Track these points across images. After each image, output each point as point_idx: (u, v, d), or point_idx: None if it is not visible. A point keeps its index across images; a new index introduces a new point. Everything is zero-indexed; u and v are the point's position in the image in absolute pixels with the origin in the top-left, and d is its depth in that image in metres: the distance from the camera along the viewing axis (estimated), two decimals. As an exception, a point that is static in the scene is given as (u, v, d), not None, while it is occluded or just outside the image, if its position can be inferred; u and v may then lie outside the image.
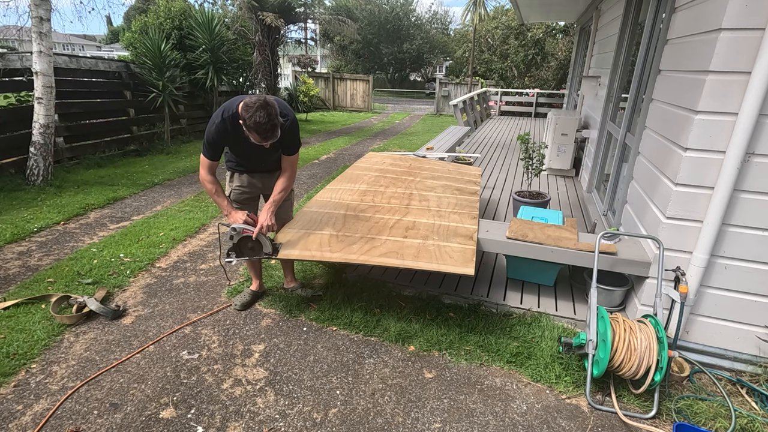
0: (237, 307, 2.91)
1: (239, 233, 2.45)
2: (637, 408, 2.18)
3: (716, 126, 2.14)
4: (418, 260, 2.42)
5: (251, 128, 2.22)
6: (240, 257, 2.53)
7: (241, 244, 2.49)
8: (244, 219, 2.49)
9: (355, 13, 26.38)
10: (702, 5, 2.30)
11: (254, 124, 2.19)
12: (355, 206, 3.19)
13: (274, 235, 2.69)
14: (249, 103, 2.20)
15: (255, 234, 2.45)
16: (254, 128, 2.21)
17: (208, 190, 2.52)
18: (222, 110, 2.39)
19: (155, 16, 9.11)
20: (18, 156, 5.46)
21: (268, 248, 2.50)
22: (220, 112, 2.38)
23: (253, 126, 2.20)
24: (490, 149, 8.46)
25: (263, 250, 2.51)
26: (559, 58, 17.27)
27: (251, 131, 2.24)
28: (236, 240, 2.47)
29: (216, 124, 2.37)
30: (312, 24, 17.12)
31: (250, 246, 2.51)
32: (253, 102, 2.20)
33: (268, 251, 2.51)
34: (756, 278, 2.29)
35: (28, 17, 5.19)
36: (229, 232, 2.45)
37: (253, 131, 2.22)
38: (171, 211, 4.78)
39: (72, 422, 1.99)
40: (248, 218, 2.52)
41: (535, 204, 4.04)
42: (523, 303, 2.99)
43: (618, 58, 4.52)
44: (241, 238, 2.47)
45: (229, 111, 2.36)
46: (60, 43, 35.12)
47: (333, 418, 2.07)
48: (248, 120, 2.19)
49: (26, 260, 3.51)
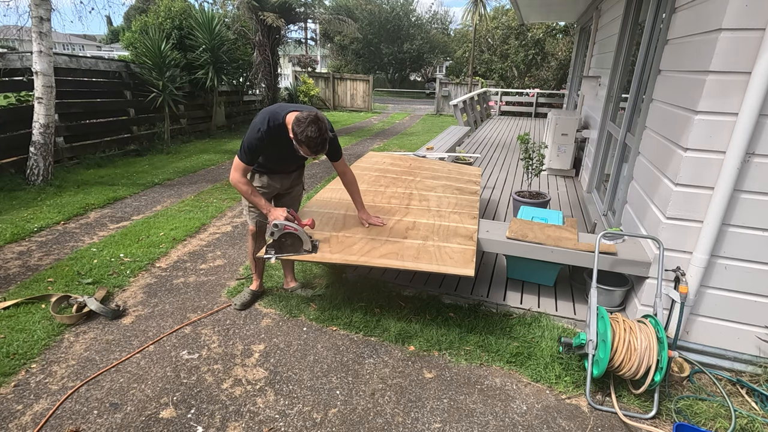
0: (237, 307, 2.91)
1: (281, 230, 2.45)
2: (637, 408, 2.18)
3: (716, 126, 2.14)
4: (418, 261, 2.42)
5: (302, 142, 2.27)
6: (279, 254, 2.54)
7: (280, 240, 2.50)
8: (285, 216, 2.50)
9: (356, 13, 26.39)
10: (702, 5, 2.30)
11: (306, 138, 2.25)
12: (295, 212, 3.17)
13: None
14: (301, 118, 2.26)
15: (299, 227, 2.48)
16: (305, 142, 2.27)
17: (243, 191, 2.52)
18: (267, 118, 2.40)
19: (155, 16, 9.11)
20: (18, 156, 5.46)
21: (308, 245, 2.52)
22: (265, 120, 2.40)
23: (305, 140, 2.26)
24: (490, 149, 8.46)
25: (303, 247, 2.52)
26: (559, 58, 17.27)
27: (302, 145, 2.29)
28: (277, 236, 2.47)
29: (262, 132, 2.39)
30: (312, 24, 17.14)
31: (289, 243, 2.51)
32: (304, 117, 2.25)
33: (308, 248, 2.52)
34: (756, 278, 2.29)
35: (28, 17, 5.20)
36: (270, 229, 2.45)
37: (304, 145, 2.28)
38: (171, 211, 4.78)
39: (72, 422, 1.99)
40: (289, 215, 2.53)
41: (535, 204, 4.04)
42: (523, 303, 2.99)
43: (618, 58, 4.52)
44: (281, 234, 2.48)
45: (275, 120, 2.40)
46: (60, 43, 35.13)
47: (333, 418, 2.07)
48: (300, 135, 2.25)
49: (26, 260, 3.51)
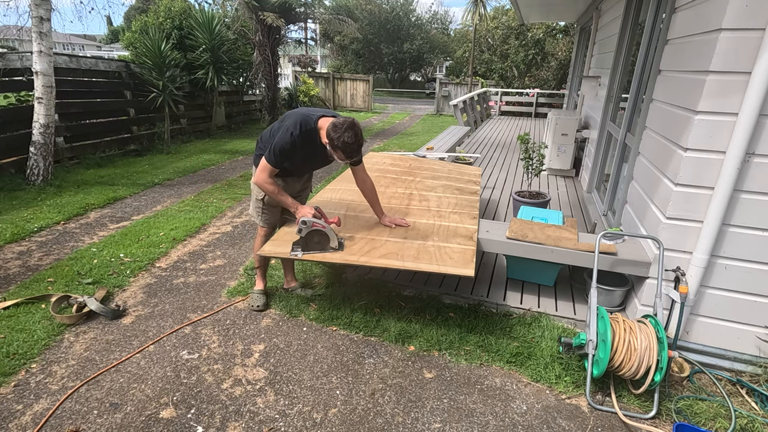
0: (260, 308, 2.91)
1: (309, 227, 2.45)
2: (637, 408, 2.18)
3: (716, 126, 2.14)
4: (419, 261, 2.42)
5: (338, 147, 2.31)
6: (306, 251, 2.54)
7: (307, 238, 2.50)
8: (312, 213, 2.50)
9: (356, 13, 26.37)
10: (702, 5, 2.30)
11: (342, 144, 2.29)
12: (356, 206, 3.19)
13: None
14: (338, 124, 2.30)
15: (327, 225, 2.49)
16: (342, 147, 2.31)
17: (270, 191, 2.54)
18: (298, 123, 2.42)
19: (155, 16, 9.11)
20: (18, 156, 5.46)
21: (335, 242, 2.52)
22: (297, 124, 2.41)
23: (341, 145, 2.30)
24: (490, 149, 8.46)
25: (330, 244, 2.52)
26: (559, 58, 17.26)
27: (337, 150, 2.33)
28: (304, 234, 2.47)
29: (294, 136, 2.40)
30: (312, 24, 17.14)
31: (316, 240, 2.51)
32: (341, 123, 2.31)
33: (334, 245, 2.52)
34: (756, 278, 2.29)
35: (28, 17, 5.19)
36: (299, 226, 2.45)
37: (340, 150, 2.33)
38: (171, 211, 4.78)
39: (72, 422, 1.99)
40: (316, 212, 2.54)
41: (535, 204, 4.04)
42: (523, 303, 2.99)
43: (618, 58, 4.52)
44: (309, 232, 2.48)
45: (307, 125, 2.42)
46: (60, 43, 35.12)
47: (333, 418, 2.07)
48: (337, 140, 2.29)
49: (26, 260, 3.51)
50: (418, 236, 2.72)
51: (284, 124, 2.47)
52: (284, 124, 2.47)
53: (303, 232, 2.45)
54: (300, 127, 2.41)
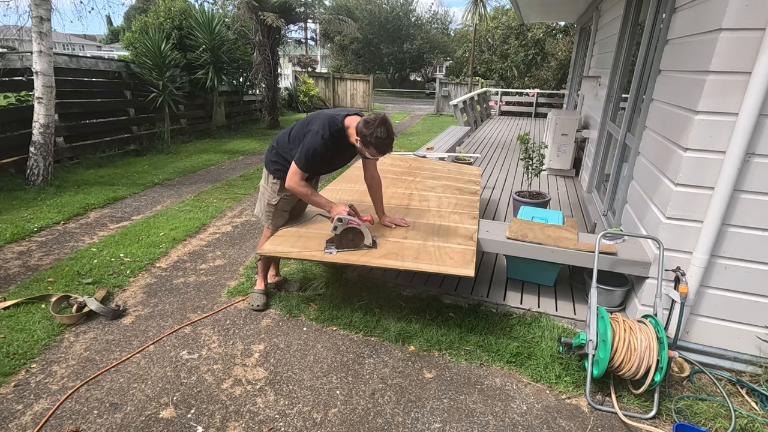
0: (260, 308, 2.91)
1: (345, 224, 2.46)
2: (637, 408, 2.18)
3: (716, 126, 2.14)
4: (419, 262, 2.42)
5: (371, 144, 2.32)
6: (340, 248, 2.54)
7: (342, 235, 2.51)
8: (347, 211, 2.51)
9: (356, 13, 26.38)
10: (702, 5, 2.30)
11: (376, 139, 2.29)
12: (356, 206, 3.18)
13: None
14: (369, 121, 2.32)
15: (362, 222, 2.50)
16: (375, 144, 2.31)
17: (303, 193, 2.54)
18: (326, 124, 2.42)
19: (155, 16, 9.11)
20: (18, 156, 5.46)
21: (368, 240, 2.52)
22: (325, 126, 2.41)
23: (374, 141, 2.30)
24: (490, 149, 8.46)
25: (364, 242, 2.52)
26: (559, 58, 17.25)
27: (369, 146, 2.33)
28: (339, 231, 2.47)
29: (325, 138, 2.40)
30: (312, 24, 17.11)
31: (350, 237, 2.52)
32: (372, 119, 2.32)
33: (368, 243, 2.52)
34: (756, 278, 2.29)
35: (28, 17, 5.19)
36: (335, 223, 2.46)
37: (372, 146, 2.33)
38: (171, 211, 4.78)
39: (72, 422, 1.99)
40: (351, 209, 2.54)
41: (535, 204, 4.04)
42: (523, 303, 2.99)
43: (618, 58, 4.52)
44: (343, 230, 2.48)
45: (335, 125, 2.43)
46: (60, 42, 35.09)
47: (333, 418, 2.07)
48: (370, 136, 2.29)
49: (26, 260, 3.51)
50: (418, 236, 2.72)
51: (311, 128, 2.45)
52: (311, 128, 2.45)
53: (338, 229, 2.46)
54: (329, 129, 2.41)
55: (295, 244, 2.61)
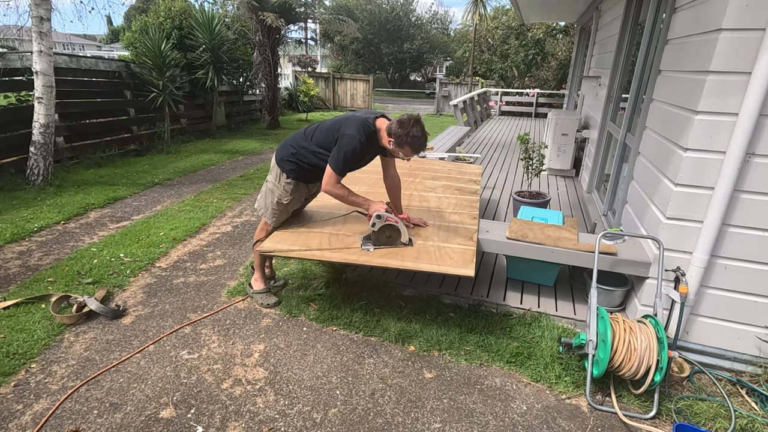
0: (271, 305, 2.93)
1: (383, 221, 2.46)
2: (637, 408, 2.18)
3: (716, 126, 2.14)
4: (419, 262, 2.42)
5: (407, 143, 2.35)
6: (377, 246, 2.54)
7: (379, 233, 2.51)
8: (385, 208, 2.51)
9: (356, 13, 26.37)
10: (702, 5, 2.30)
11: (412, 138, 2.33)
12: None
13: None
14: (403, 121, 2.35)
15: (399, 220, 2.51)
16: (410, 143, 2.35)
17: (341, 195, 2.56)
18: (360, 128, 2.43)
19: (155, 16, 9.11)
20: (18, 156, 5.46)
21: (405, 237, 2.53)
22: (360, 130, 2.42)
23: (410, 141, 2.34)
24: (490, 149, 8.46)
25: (401, 239, 2.53)
26: (559, 58, 17.26)
27: (405, 146, 2.37)
28: (377, 228, 2.48)
29: (362, 142, 2.42)
30: (312, 24, 17.12)
31: (387, 235, 2.52)
32: (407, 120, 2.35)
33: (405, 240, 2.53)
34: (756, 278, 2.29)
35: (28, 17, 5.19)
36: (373, 220, 2.46)
37: (408, 146, 2.36)
38: (171, 210, 4.78)
39: (72, 422, 1.99)
40: (388, 207, 2.55)
41: (535, 204, 4.04)
42: (523, 303, 2.99)
43: (618, 58, 4.52)
44: (381, 227, 2.49)
45: (369, 128, 2.45)
46: (60, 42, 35.09)
47: (333, 418, 2.07)
48: (405, 136, 2.32)
49: (26, 260, 3.51)
50: (418, 236, 2.72)
51: (344, 131, 2.43)
52: (344, 131, 2.43)
53: (377, 226, 2.46)
54: (365, 132, 2.42)
55: (295, 242, 2.61)
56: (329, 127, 2.55)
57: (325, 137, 2.54)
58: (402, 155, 2.44)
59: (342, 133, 2.44)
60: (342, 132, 2.44)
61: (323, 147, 2.53)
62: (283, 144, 2.71)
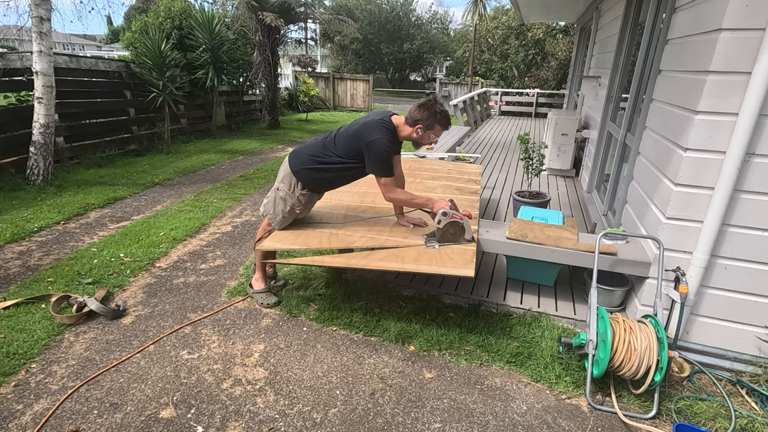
0: (271, 305, 2.94)
1: (448, 218, 2.48)
2: (637, 408, 2.18)
3: (716, 126, 2.14)
4: (419, 263, 2.41)
5: (437, 121, 2.42)
6: (442, 243, 2.56)
7: (444, 230, 2.53)
8: (449, 205, 2.53)
9: (356, 13, 26.37)
10: (702, 5, 2.30)
11: (440, 114, 2.42)
12: (356, 207, 3.19)
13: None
14: (423, 103, 2.43)
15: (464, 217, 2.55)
16: (439, 120, 2.43)
17: (406, 199, 2.60)
18: (382, 129, 2.45)
19: (155, 16, 9.11)
20: (18, 156, 5.46)
21: (469, 234, 2.55)
22: (383, 131, 2.44)
23: (439, 117, 2.43)
24: (490, 149, 8.46)
25: (464, 236, 2.55)
26: (559, 58, 17.26)
27: (435, 125, 2.43)
28: (443, 225, 2.50)
29: (389, 142, 2.45)
30: (312, 24, 17.13)
31: (452, 232, 2.55)
32: (424, 102, 2.43)
33: (468, 238, 2.55)
34: (756, 278, 2.28)
35: (28, 17, 5.19)
36: (438, 217, 2.48)
37: (438, 124, 2.44)
38: (171, 210, 4.78)
39: (72, 422, 1.99)
40: (452, 204, 2.56)
41: (535, 204, 4.04)
42: (523, 303, 2.99)
43: (618, 58, 4.52)
44: (446, 224, 2.51)
45: (389, 127, 2.48)
46: (60, 42, 35.07)
47: (333, 418, 2.07)
48: (433, 115, 2.40)
49: (26, 260, 3.51)
50: (419, 237, 2.72)
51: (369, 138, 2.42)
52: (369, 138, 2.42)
53: (442, 223, 2.49)
54: (388, 132, 2.45)
55: (295, 241, 2.61)
56: (351, 135, 2.52)
57: (349, 147, 2.53)
58: (432, 137, 2.48)
59: (368, 140, 2.44)
60: (368, 139, 2.44)
61: (351, 157, 2.55)
62: (298, 154, 2.66)
